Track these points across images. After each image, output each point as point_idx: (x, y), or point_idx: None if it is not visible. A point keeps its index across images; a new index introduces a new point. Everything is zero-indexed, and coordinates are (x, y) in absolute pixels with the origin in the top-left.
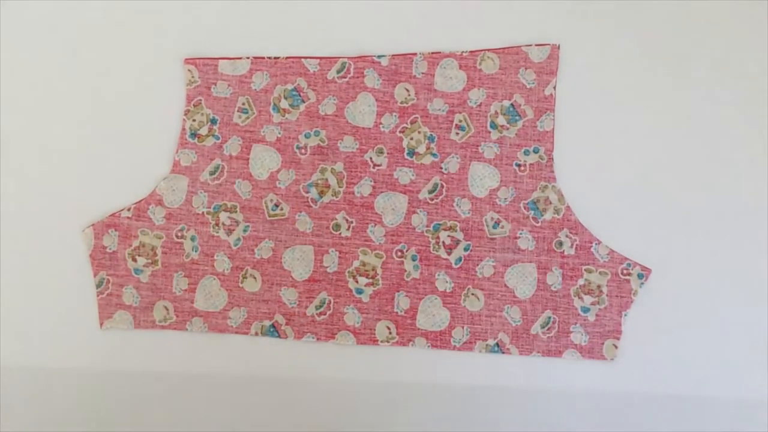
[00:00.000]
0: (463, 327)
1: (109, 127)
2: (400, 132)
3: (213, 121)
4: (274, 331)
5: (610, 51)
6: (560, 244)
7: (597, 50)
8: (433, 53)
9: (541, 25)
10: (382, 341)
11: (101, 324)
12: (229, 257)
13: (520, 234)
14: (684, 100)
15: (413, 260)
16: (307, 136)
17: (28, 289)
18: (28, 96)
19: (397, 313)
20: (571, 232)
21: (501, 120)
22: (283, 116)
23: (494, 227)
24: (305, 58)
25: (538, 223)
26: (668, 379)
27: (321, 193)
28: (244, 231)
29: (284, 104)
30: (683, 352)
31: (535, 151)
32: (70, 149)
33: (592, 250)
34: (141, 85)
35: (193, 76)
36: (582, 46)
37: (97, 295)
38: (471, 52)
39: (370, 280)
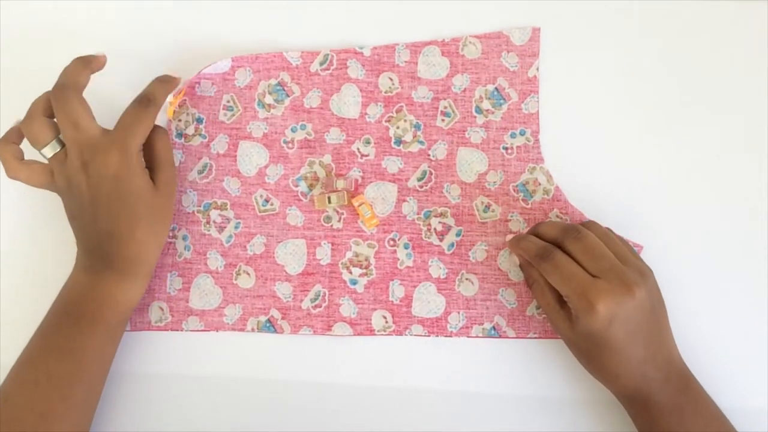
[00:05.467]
0: (458, 312)
1: None
2: (386, 121)
3: (199, 120)
4: (270, 326)
5: (593, 30)
6: None
7: (580, 30)
8: (415, 42)
9: (522, 8)
10: (378, 331)
11: None
12: (221, 255)
13: (511, 217)
14: (670, 75)
15: (406, 248)
16: (293, 130)
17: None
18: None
19: (392, 302)
20: (561, 212)
21: (486, 104)
22: (269, 111)
23: (485, 211)
24: (287, 51)
25: (528, 204)
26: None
27: (310, 186)
28: (236, 228)
29: (269, 99)
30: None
31: (522, 134)
32: None
33: None
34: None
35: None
36: (564, 26)
37: None
38: (453, 38)
39: (364, 271)
